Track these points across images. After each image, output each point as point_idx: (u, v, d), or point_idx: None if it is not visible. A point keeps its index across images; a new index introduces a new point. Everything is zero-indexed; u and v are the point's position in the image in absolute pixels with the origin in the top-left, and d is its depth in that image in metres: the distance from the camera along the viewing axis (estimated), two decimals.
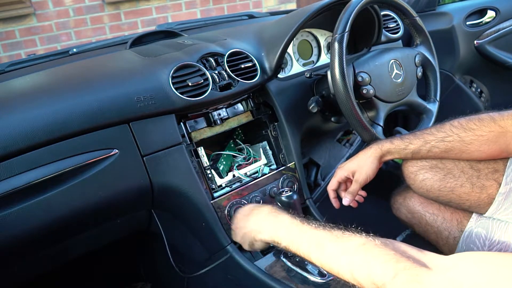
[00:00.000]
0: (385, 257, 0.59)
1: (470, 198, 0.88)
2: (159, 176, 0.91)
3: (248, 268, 0.93)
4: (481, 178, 0.86)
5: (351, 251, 0.63)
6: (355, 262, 0.62)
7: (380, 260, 0.59)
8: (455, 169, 0.89)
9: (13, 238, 0.78)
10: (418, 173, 0.93)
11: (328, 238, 0.68)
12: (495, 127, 0.81)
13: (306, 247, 0.70)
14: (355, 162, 0.98)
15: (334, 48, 0.98)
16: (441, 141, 0.87)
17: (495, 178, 0.85)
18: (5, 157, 0.75)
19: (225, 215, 0.97)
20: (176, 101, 0.92)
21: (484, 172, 0.86)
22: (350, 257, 0.63)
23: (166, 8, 3.33)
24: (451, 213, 0.96)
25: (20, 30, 3.00)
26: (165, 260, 1.28)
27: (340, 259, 0.64)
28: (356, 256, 0.62)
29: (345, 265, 0.63)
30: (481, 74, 1.70)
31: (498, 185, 0.84)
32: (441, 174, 0.90)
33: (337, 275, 0.65)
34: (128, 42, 1.22)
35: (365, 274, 0.59)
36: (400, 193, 1.08)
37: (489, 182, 0.85)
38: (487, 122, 0.83)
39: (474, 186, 0.87)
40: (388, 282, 0.57)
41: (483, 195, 0.86)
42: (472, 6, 1.61)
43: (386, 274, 0.57)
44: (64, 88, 0.89)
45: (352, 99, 0.98)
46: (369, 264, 0.60)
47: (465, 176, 0.88)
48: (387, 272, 0.57)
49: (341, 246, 0.65)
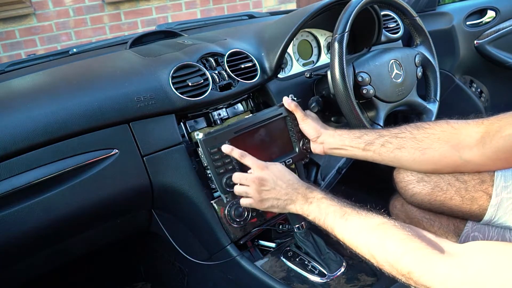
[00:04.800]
0: (400, 236, 0.64)
1: (462, 209, 0.88)
2: (159, 176, 0.91)
3: (248, 268, 0.93)
4: (469, 190, 0.86)
5: (370, 228, 0.68)
6: (372, 239, 0.67)
7: (394, 238, 0.64)
8: (441, 181, 0.89)
9: (13, 238, 0.78)
10: (407, 188, 0.93)
11: (352, 214, 0.73)
12: (447, 127, 0.82)
13: (331, 219, 0.76)
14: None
15: (334, 48, 0.98)
16: (394, 137, 0.87)
17: (483, 189, 0.84)
18: (5, 157, 0.75)
19: (225, 215, 0.97)
20: (176, 101, 0.92)
21: (471, 184, 0.86)
22: (369, 234, 0.68)
23: (166, 8, 3.33)
24: (448, 219, 0.96)
25: (20, 30, 3.00)
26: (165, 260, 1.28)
27: (359, 235, 0.69)
28: (374, 234, 0.67)
29: (364, 241, 0.68)
30: (481, 74, 1.70)
31: (488, 196, 0.84)
32: (429, 187, 0.90)
33: (355, 250, 0.70)
34: (128, 42, 1.22)
35: (380, 251, 0.65)
36: (397, 199, 1.08)
37: (478, 193, 0.85)
38: (440, 123, 0.84)
39: (464, 199, 0.86)
40: (399, 259, 0.61)
41: (474, 207, 0.86)
42: (472, 6, 1.61)
43: (398, 252, 0.62)
44: (64, 88, 0.89)
45: (352, 99, 0.98)
46: (384, 241, 0.65)
47: (452, 189, 0.87)
48: (398, 250, 0.62)
49: (362, 223, 0.70)
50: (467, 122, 0.80)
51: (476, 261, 0.55)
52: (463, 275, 0.54)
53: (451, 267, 0.56)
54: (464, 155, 0.80)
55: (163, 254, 1.30)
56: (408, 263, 0.60)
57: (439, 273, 0.56)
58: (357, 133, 0.93)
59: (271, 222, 1.03)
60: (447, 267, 0.56)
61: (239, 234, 0.98)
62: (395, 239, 0.64)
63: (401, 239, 0.63)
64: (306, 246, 0.92)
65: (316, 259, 0.92)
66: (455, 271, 0.55)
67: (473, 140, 0.78)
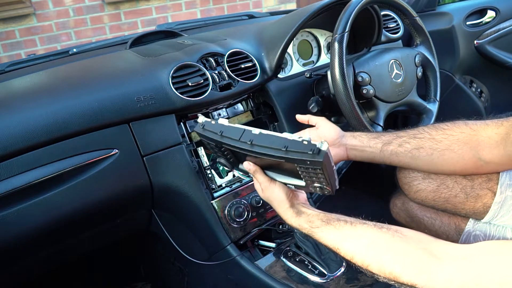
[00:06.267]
0: (394, 253, 0.63)
1: (466, 207, 0.88)
2: (159, 176, 0.91)
3: (248, 268, 0.93)
4: (475, 188, 0.86)
5: (363, 249, 0.67)
6: (367, 259, 0.66)
7: (388, 256, 0.63)
8: (447, 179, 0.89)
9: (13, 238, 0.78)
10: (412, 184, 0.93)
11: (341, 237, 0.71)
12: (466, 129, 0.81)
13: (327, 243, 0.73)
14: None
15: (334, 48, 0.98)
16: (412, 138, 0.87)
17: (489, 187, 0.84)
18: (5, 157, 0.75)
19: (225, 215, 0.97)
20: (176, 101, 0.92)
21: (478, 182, 0.86)
22: (363, 255, 0.67)
23: (166, 8, 3.33)
24: (449, 217, 0.96)
25: (20, 30, 3.00)
26: (165, 260, 1.28)
27: (355, 257, 0.68)
28: (368, 255, 0.66)
29: (359, 262, 0.67)
30: (481, 74, 1.70)
31: (492, 194, 0.84)
32: (435, 184, 0.90)
33: (347, 259, 0.70)
34: (128, 42, 1.22)
35: (377, 269, 0.64)
36: (398, 198, 1.08)
37: (483, 191, 0.85)
38: (459, 124, 0.83)
39: (468, 196, 0.86)
40: (398, 275, 0.61)
41: (478, 204, 0.86)
42: (472, 6, 1.61)
43: (395, 269, 0.62)
44: (64, 88, 0.89)
45: (352, 99, 0.98)
46: (380, 261, 0.64)
47: (458, 186, 0.87)
48: (395, 267, 0.62)
49: (354, 244, 0.68)
50: (486, 123, 0.79)
51: (477, 262, 0.55)
52: (464, 278, 0.55)
53: (452, 272, 0.56)
54: (484, 156, 0.79)
55: (163, 254, 1.30)
56: (410, 278, 0.60)
57: (440, 280, 0.57)
58: (374, 134, 0.92)
59: (271, 222, 1.03)
60: (448, 273, 0.56)
61: (239, 234, 0.98)
62: (389, 257, 0.63)
63: (396, 255, 0.63)
64: (306, 246, 0.92)
65: (316, 259, 0.92)
66: (456, 275, 0.55)
67: (493, 142, 0.77)
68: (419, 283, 0.59)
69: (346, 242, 0.69)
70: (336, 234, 0.71)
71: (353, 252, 0.68)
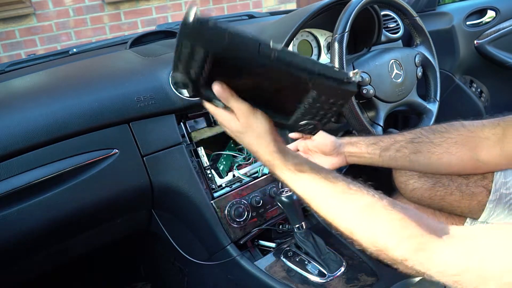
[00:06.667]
0: (390, 223, 0.56)
1: (461, 205, 0.88)
2: (159, 176, 0.91)
3: (248, 268, 0.93)
4: (470, 185, 0.86)
5: (355, 212, 0.59)
6: (357, 223, 0.59)
7: (384, 225, 0.56)
8: (443, 177, 0.89)
9: (13, 238, 0.78)
10: (408, 183, 0.93)
11: (331, 192, 0.62)
12: (463, 130, 0.81)
13: (306, 195, 0.64)
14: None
15: (334, 48, 0.98)
16: (410, 142, 0.86)
17: (484, 185, 0.85)
18: (5, 157, 0.75)
19: (225, 215, 0.97)
20: (176, 101, 0.92)
21: (473, 179, 0.86)
22: (353, 218, 0.59)
23: (166, 8, 3.33)
24: (446, 218, 0.96)
25: (20, 30, 3.00)
26: (165, 260, 1.28)
27: (342, 218, 0.60)
28: (360, 218, 0.59)
29: (347, 225, 0.60)
30: (481, 74, 1.70)
31: (487, 192, 0.84)
32: (430, 183, 0.90)
33: (329, 221, 0.61)
34: (128, 42, 1.22)
35: (368, 236, 0.57)
36: (396, 198, 1.08)
37: (478, 189, 0.85)
38: (456, 126, 0.83)
39: (464, 194, 0.87)
40: (390, 248, 0.55)
41: (473, 202, 0.86)
42: (472, 6, 1.61)
43: (389, 241, 0.55)
44: (64, 88, 0.89)
45: (352, 99, 0.98)
46: (374, 228, 0.57)
47: (454, 184, 0.88)
48: (390, 238, 0.55)
49: (345, 205, 0.60)
50: (482, 124, 0.79)
51: (482, 246, 0.51)
52: (465, 263, 0.50)
53: (452, 256, 0.51)
54: (482, 157, 0.79)
55: (163, 254, 1.30)
56: (403, 253, 0.54)
57: (437, 263, 0.52)
58: (372, 139, 0.91)
59: (271, 222, 1.03)
60: (447, 256, 0.52)
61: (239, 234, 0.98)
62: (384, 226, 0.56)
63: (391, 226, 0.56)
64: (306, 246, 0.92)
65: (316, 259, 0.92)
66: (456, 261, 0.51)
67: (490, 142, 0.77)
68: (412, 260, 0.53)
69: (336, 200, 0.60)
70: (326, 188, 0.61)
71: (342, 214, 0.60)
